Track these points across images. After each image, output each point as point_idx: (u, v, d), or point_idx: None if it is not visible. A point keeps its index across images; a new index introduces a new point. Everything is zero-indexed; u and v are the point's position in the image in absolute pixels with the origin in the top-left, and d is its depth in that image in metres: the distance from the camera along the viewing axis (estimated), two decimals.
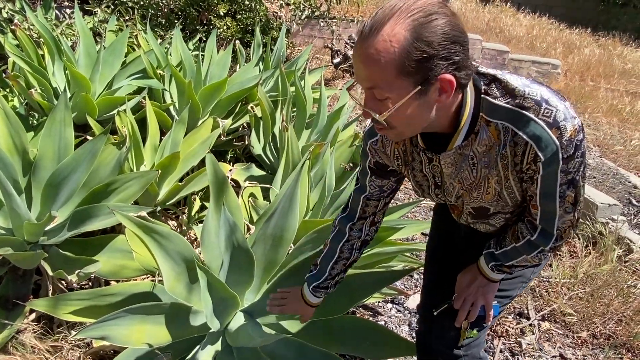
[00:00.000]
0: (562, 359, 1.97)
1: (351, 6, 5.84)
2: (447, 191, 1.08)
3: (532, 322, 2.13)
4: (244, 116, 2.91)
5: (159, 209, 2.14)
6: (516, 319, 2.16)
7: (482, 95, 0.90)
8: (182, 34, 3.43)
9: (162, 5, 3.96)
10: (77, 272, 1.58)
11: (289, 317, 1.44)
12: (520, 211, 1.09)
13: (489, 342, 2.01)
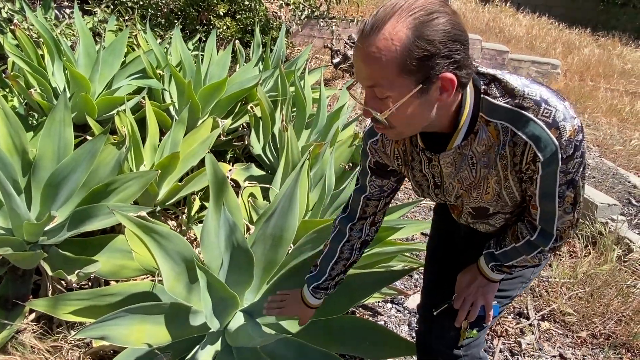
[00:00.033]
0: (562, 358, 1.97)
1: (351, 6, 5.84)
2: (447, 191, 1.08)
3: (531, 322, 2.13)
4: (243, 116, 2.91)
5: (158, 209, 2.14)
6: (516, 318, 2.16)
7: (481, 95, 0.90)
8: (182, 34, 3.43)
9: (161, 5, 3.96)
10: (77, 272, 1.58)
11: (289, 318, 1.45)
12: (520, 211, 1.09)
13: (488, 341, 2.01)
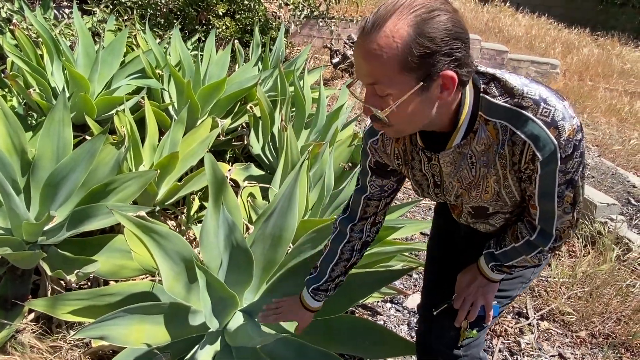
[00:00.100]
0: (561, 358, 1.97)
1: (350, 6, 5.83)
2: (447, 190, 1.08)
3: (531, 321, 2.13)
4: (243, 116, 2.91)
5: (157, 209, 2.14)
6: (515, 318, 2.16)
7: (481, 94, 0.90)
8: (181, 33, 3.42)
9: (160, 5, 3.95)
10: (76, 272, 1.58)
11: (285, 331, 1.44)
12: (520, 211, 1.09)
13: (487, 341, 2.01)
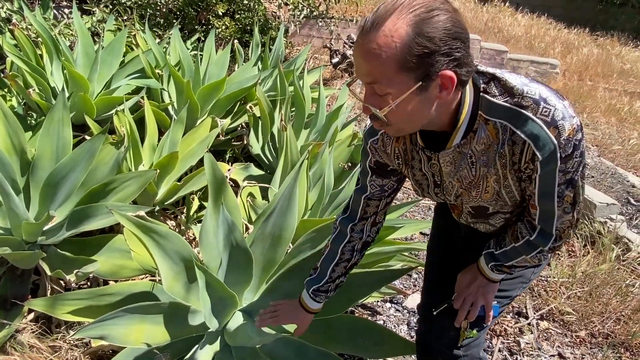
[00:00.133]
0: (561, 358, 1.97)
1: (350, 6, 5.83)
2: (446, 190, 1.08)
3: (530, 321, 2.14)
4: (242, 116, 2.91)
5: (157, 209, 2.14)
6: (515, 318, 2.16)
7: (481, 93, 0.90)
8: (181, 33, 3.42)
9: (160, 5, 3.95)
10: (76, 271, 1.58)
11: (285, 331, 1.43)
12: (520, 211, 1.09)
13: (487, 341, 2.01)
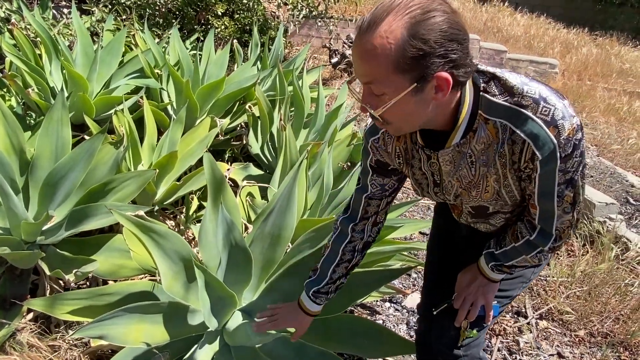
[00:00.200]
0: (560, 357, 1.97)
1: (349, 5, 5.83)
2: (446, 190, 1.08)
3: (529, 320, 2.14)
4: (241, 115, 2.91)
5: (156, 209, 2.14)
6: (514, 317, 2.17)
7: (480, 93, 0.90)
8: (180, 33, 3.42)
9: (159, 4, 3.95)
10: (75, 271, 1.57)
11: (284, 331, 1.42)
12: (520, 211, 1.09)
13: (486, 340, 2.01)
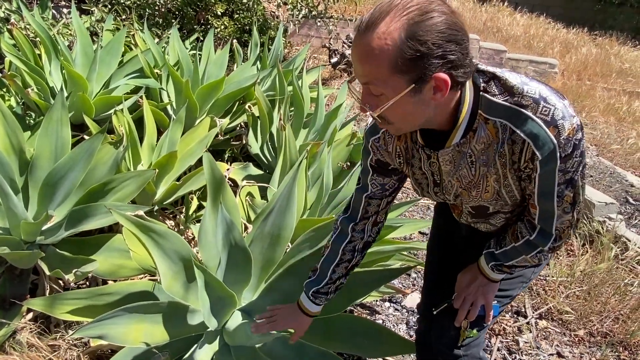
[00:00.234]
0: (559, 357, 1.97)
1: (349, 5, 5.83)
2: (446, 189, 1.08)
3: (529, 320, 2.14)
4: (241, 115, 2.91)
5: (156, 208, 2.14)
6: (513, 317, 2.17)
7: (480, 92, 0.90)
8: (180, 33, 3.42)
9: (159, 4, 3.95)
10: (74, 271, 1.57)
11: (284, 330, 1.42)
12: (520, 211, 1.09)
13: (486, 340, 2.01)
